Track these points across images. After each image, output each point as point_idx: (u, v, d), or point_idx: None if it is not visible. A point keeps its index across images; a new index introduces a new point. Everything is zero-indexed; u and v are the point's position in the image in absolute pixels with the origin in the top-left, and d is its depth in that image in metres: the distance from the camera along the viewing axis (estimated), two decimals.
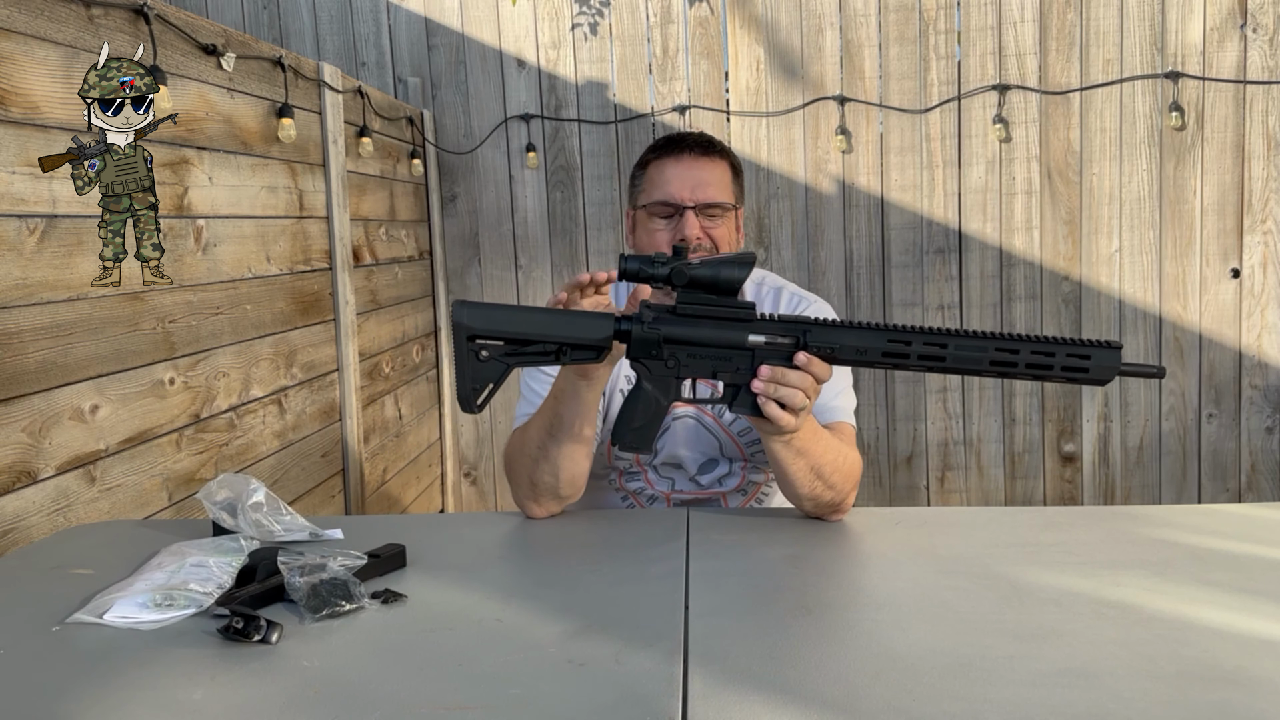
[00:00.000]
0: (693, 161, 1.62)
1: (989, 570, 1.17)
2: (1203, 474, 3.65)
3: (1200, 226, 3.53)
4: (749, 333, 1.23)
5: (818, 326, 1.23)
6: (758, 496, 1.71)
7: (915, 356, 1.20)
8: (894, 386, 3.71)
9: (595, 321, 1.24)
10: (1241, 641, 0.96)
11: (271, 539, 1.29)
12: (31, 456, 1.53)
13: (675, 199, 1.60)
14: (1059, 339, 1.18)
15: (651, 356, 1.24)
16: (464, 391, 1.23)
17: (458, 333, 1.23)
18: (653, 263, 1.21)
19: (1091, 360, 1.17)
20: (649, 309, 1.24)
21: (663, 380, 1.25)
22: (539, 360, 1.25)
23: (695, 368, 1.25)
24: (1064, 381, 1.19)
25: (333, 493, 2.71)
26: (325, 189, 2.71)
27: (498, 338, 1.23)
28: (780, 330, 1.23)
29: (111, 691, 0.91)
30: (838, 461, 1.39)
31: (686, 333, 1.23)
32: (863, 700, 0.86)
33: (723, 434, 1.65)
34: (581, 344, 1.23)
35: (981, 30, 3.53)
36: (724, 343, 1.23)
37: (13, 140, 1.52)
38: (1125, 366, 1.17)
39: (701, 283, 1.21)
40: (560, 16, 3.65)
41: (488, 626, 1.04)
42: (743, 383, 1.25)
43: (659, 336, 1.23)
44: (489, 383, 1.23)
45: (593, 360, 1.25)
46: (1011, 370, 1.19)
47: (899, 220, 3.62)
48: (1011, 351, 1.18)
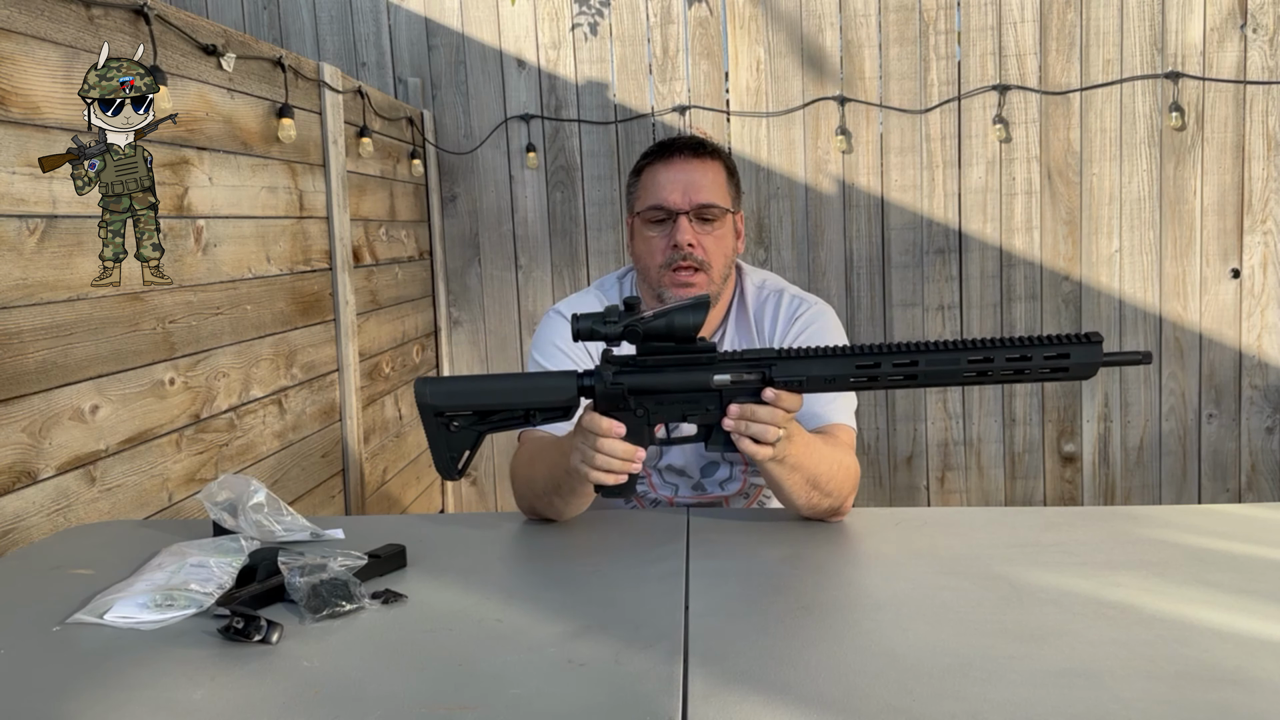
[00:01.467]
0: (684, 164, 1.60)
1: (989, 570, 1.17)
2: (1203, 474, 3.65)
3: (1200, 227, 3.53)
4: (713, 373, 1.23)
5: (783, 359, 1.22)
6: (760, 499, 1.71)
7: (888, 377, 1.19)
8: None
9: (558, 382, 1.24)
10: (1241, 641, 0.96)
11: (272, 539, 1.29)
12: (31, 457, 1.53)
13: (668, 203, 1.58)
14: (1034, 339, 1.17)
15: (619, 409, 1.24)
16: (442, 463, 1.26)
17: (424, 411, 1.24)
18: (604, 321, 1.21)
19: (1071, 358, 1.16)
20: (609, 364, 1.24)
21: (636, 429, 1.25)
22: (509, 425, 1.27)
23: (665, 413, 1.25)
24: (1049, 380, 1.19)
25: (333, 493, 2.71)
26: (325, 189, 2.71)
27: (464, 409, 1.25)
28: (745, 367, 1.23)
29: (111, 691, 0.91)
30: (833, 470, 1.38)
31: (651, 381, 1.23)
32: (863, 700, 0.86)
33: None
34: (547, 407, 1.25)
35: (981, 30, 3.53)
36: (690, 386, 1.23)
37: (13, 140, 1.52)
38: (1108, 357, 1.16)
39: (657, 334, 1.21)
40: (560, 16, 3.65)
41: (488, 626, 1.04)
42: (714, 422, 1.25)
43: (623, 390, 1.23)
44: (465, 450, 1.26)
45: (562, 419, 1.27)
46: (989, 376, 1.18)
47: (899, 220, 3.62)
48: (986, 359, 1.17)
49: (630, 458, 1.25)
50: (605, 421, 1.24)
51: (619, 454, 1.24)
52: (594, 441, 1.24)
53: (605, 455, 1.24)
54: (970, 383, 1.20)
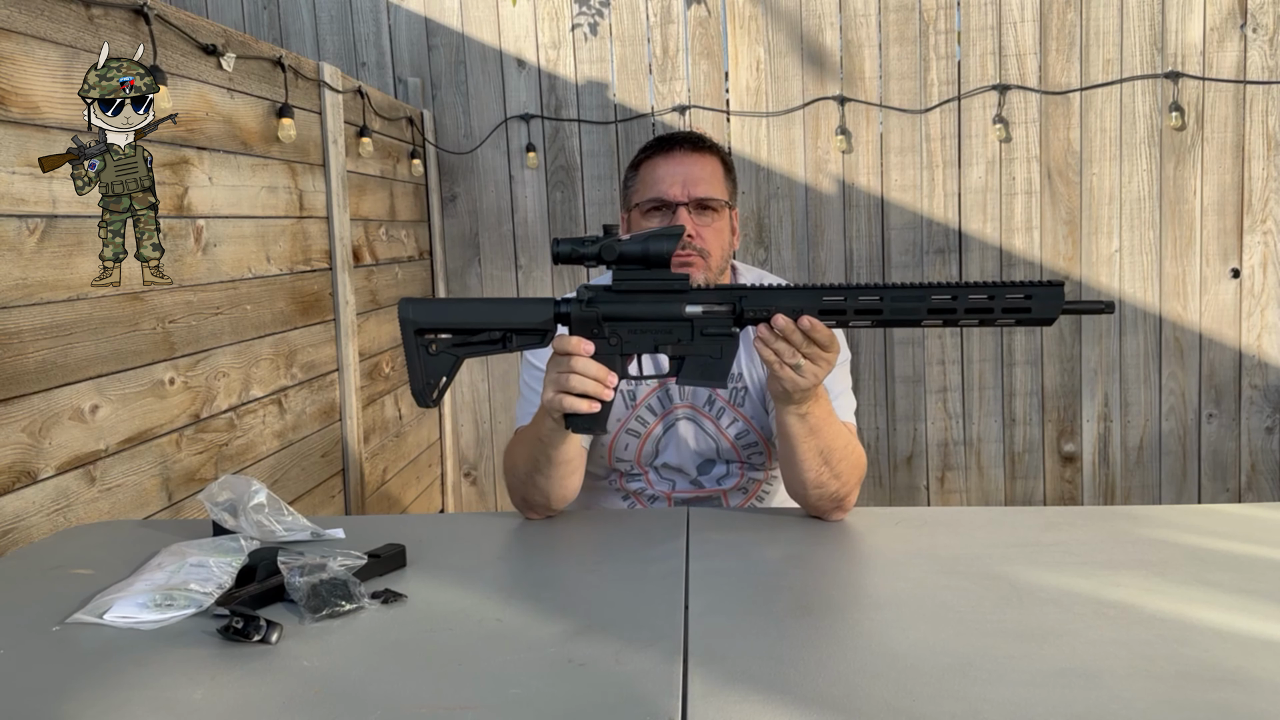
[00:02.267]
0: (683, 157, 1.62)
1: (989, 570, 1.17)
2: (1203, 474, 3.65)
3: (1200, 226, 3.53)
4: (685, 303, 1.25)
5: (753, 291, 1.25)
6: (758, 495, 1.71)
7: (853, 312, 1.21)
8: (894, 387, 3.71)
9: (536, 306, 1.27)
10: (1241, 641, 0.96)
11: (273, 539, 1.29)
12: (31, 456, 1.53)
13: (667, 196, 1.60)
14: (998, 282, 1.18)
15: (594, 335, 1.27)
16: (418, 386, 1.28)
17: (405, 328, 1.27)
18: (584, 243, 1.25)
19: (1034, 300, 1.17)
20: (587, 289, 1.27)
21: (609, 359, 1.27)
22: (486, 349, 1.29)
23: (637, 343, 1.27)
24: (1010, 324, 1.20)
25: (333, 493, 2.71)
26: (325, 189, 2.71)
27: (444, 330, 1.28)
28: (716, 298, 1.25)
29: (111, 691, 0.91)
30: (846, 450, 1.39)
31: (624, 309, 1.26)
32: (863, 700, 0.86)
33: (720, 437, 1.65)
34: (524, 329, 1.27)
35: (981, 30, 3.53)
36: (662, 315, 1.26)
37: (13, 140, 1.52)
38: (1069, 304, 1.17)
39: (632, 257, 1.24)
40: (560, 17, 3.65)
41: (488, 626, 1.04)
42: (686, 354, 1.27)
43: (597, 315, 1.26)
44: (441, 375, 1.28)
45: (538, 344, 1.28)
46: (953, 316, 1.19)
47: (899, 220, 3.62)
48: (950, 298, 1.19)
49: (602, 379, 1.26)
50: (574, 339, 1.26)
51: (591, 373, 1.25)
52: (565, 364, 1.26)
53: (578, 375, 1.25)
54: (934, 324, 1.21)
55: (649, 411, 1.66)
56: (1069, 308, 1.17)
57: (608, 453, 1.68)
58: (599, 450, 1.69)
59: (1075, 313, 1.18)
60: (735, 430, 1.64)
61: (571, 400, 1.26)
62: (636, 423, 1.66)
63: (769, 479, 1.71)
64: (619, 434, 1.66)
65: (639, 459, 1.67)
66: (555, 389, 1.27)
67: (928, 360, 3.68)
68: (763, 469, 1.69)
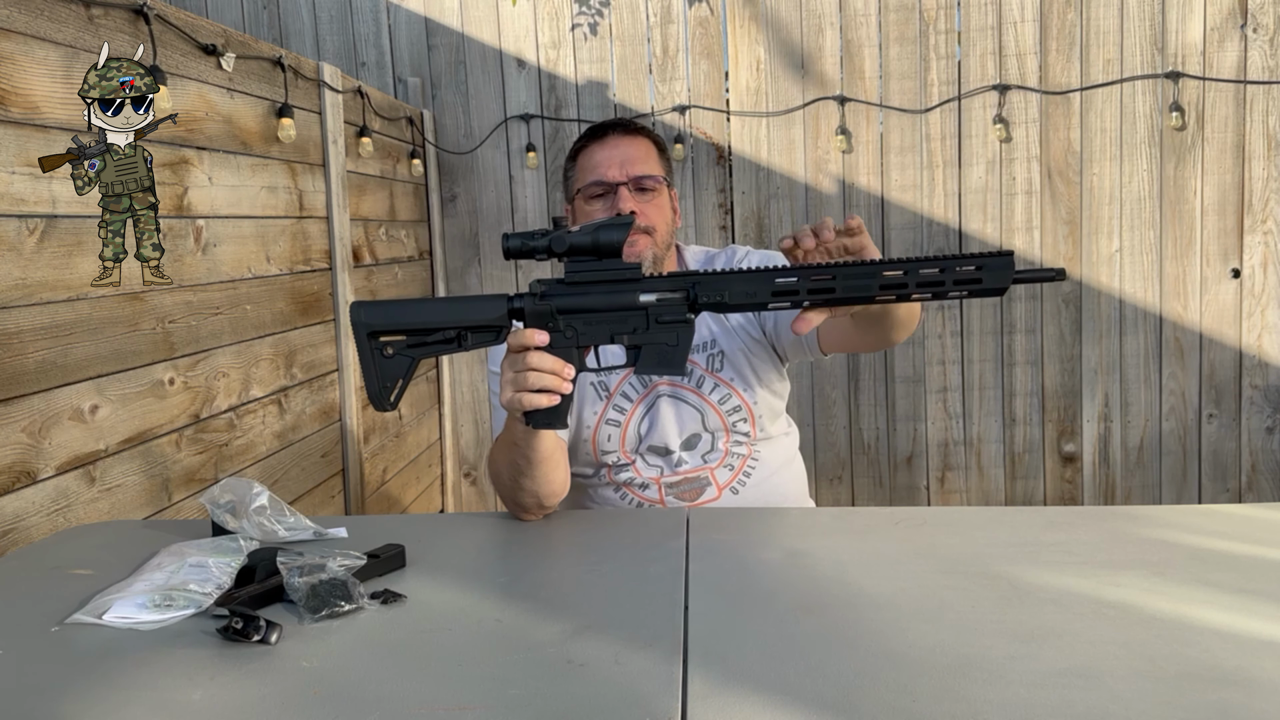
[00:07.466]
0: (618, 141, 1.69)
1: (989, 570, 1.17)
2: (1203, 474, 3.65)
3: (1200, 226, 3.53)
4: (639, 292, 1.24)
5: (706, 277, 1.23)
6: (745, 469, 1.72)
7: (805, 292, 1.20)
8: (894, 387, 3.71)
9: (488, 303, 1.26)
10: (1241, 641, 0.96)
11: (275, 539, 1.29)
12: (31, 457, 1.53)
13: (606, 178, 1.66)
14: (947, 255, 1.18)
15: (550, 329, 1.25)
16: (374, 390, 1.26)
17: (358, 332, 1.25)
18: (533, 236, 1.23)
19: (984, 270, 1.16)
20: (540, 282, 1.26)
21: (565, 352, 1.26)
22: (442, 349, 1.27)
23: (593, 334, 1.26)
24: (963, 297, 1.20)
25: (333, 493, 2.71)
26: (325, 189, 2.71)
27: (397, 331, 1.26)
28: (669, 285, 1.25)
29: (111, 691, 0.91)
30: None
31: (578, 301, 1.25)
32: (863, 700, 0.86)
33: (705, 406, 1.67)
34: (479, 326, 1.26)
35: (981, 30, 3.53)
36: (616, 306, 1.25)
37: (13, 140, 1.52)
38: (1019, 273, 1.17)
39: (582, 248, 1.23)
40: (560, 16, 3.65)
41: (487, 626, 1.04)
42: (642, 343, 1.26)
43: (552, 308, 1.25)
44: (398, 378, 1.27)
45: (493, 341, 1.27)
46: (905, 291, 1.19)
47: (899, 220, 3.62)
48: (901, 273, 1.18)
49: (558, 371, 1.24)
50: (528, 331, 1.25)
51: (547, 366, 1.24)
52: (521, 361, 1.25)
53: (535, 371, 1.24)
54: (888, 299, 1.20)
55: (625, 398, 1.67)
56: (1019, 276, 1.17)
57: (592, 448, 1.69)
58: (583, 448, 1.69)
59: (1026, 281, 1.17)
60: (718, 396, 1.66)
61: (530, 397, 1.25)
62: (615, 411, 1.67)
63: (753, 454, 1.72)
64: (599, 426, 1.67)
65: (623, 447, 1.68)
66: (513, 388, 1.26)
67: (928, 360, 3.68)
68: (745, 444, 1.70)
